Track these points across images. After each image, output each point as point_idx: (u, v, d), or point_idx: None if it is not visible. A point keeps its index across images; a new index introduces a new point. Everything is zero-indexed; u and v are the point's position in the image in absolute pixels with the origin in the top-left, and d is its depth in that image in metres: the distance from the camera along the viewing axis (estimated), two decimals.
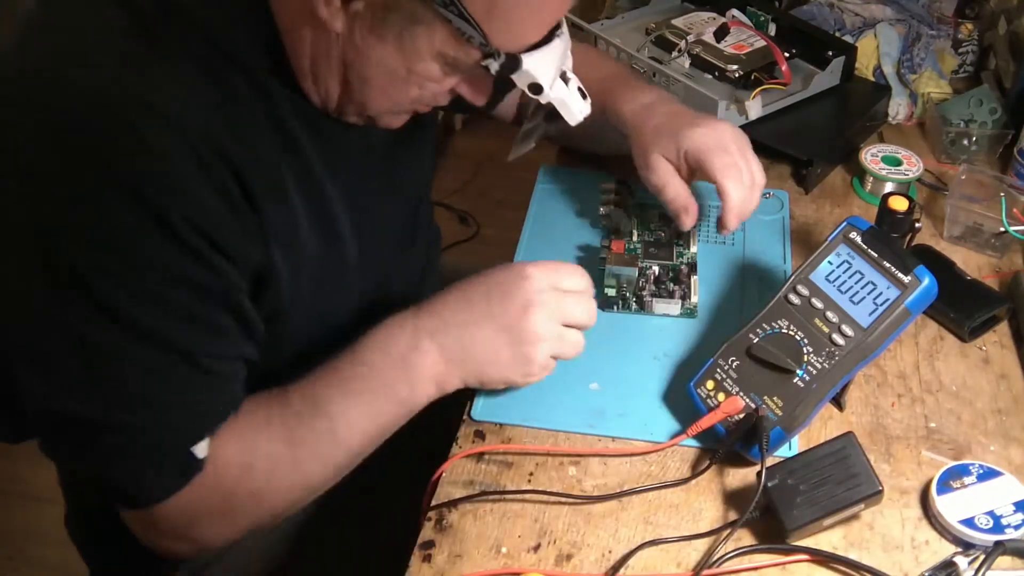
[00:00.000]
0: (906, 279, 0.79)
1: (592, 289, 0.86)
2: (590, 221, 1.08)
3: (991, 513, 0.76)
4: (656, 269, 1.00)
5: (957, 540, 0.76)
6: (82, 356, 0.69)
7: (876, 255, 0.81)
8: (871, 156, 1.12)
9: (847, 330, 0.80)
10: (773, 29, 1.27)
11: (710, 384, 0.84)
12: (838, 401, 0.87)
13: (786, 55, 1.20)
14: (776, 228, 1.08)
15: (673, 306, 0.97)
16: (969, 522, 0.76)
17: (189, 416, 0.74)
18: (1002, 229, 1.03)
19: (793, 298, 0.84)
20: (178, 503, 0.75)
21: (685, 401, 0.86)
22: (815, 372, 0.80)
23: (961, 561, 0.73)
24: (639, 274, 0.98)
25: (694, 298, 0.98)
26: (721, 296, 0.99)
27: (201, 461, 0.75)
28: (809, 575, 0.75)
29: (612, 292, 0.97)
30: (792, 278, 0.85)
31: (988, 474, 0.79)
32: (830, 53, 1.22)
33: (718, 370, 0.84)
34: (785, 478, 0.76)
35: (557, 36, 0.74)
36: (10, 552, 1.83)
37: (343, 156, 0.82)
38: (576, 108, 0.83)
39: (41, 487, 1.43)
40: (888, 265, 0.80)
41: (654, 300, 0.97)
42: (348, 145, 0.83)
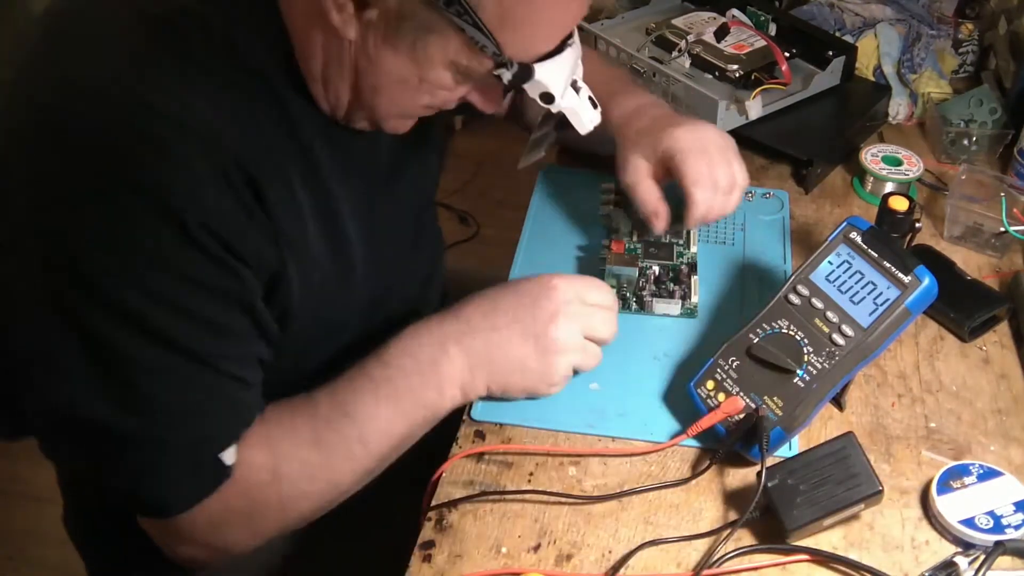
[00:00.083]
0: (906, 279, 0.79)
1: (616, 306, 0.88)
2: (590, 221, 1.08)
3: (991, 513, 0.76)
4: (656, 269, 1.00)
5: (957, 540, 0.76)
6: (106, 365, 0.69)
7: (876, 255, 0.81)
8: (871, 156, 1.12)
9: (847, 330, 0.80)
10: (773, 29, 1.27)
11: (710, 384, 0.84)
12: (838, 401, 0.87)
13: (786, 55, 1.20)
14: (776, 228, 1.08)
15: (673, 306, 0.97)
16: (969, 522, 0.76)
17: (216, 422, 0.74)
18: (1002, 229, 1.03)
19: (793, 298, 0.84)
20: (204, 511, 0.75)
21: (685, 401, 0.86)
22: (815, 372, 0.80)
23: (961, 561, 0.73)
24: (639, 274, 0.98)
25: (694, 298, 0.98)
26: (721, 296, 0.99)
27: (229, 468, 0.75)
28: (809, 575, 0.75)
29: None
30: (792, 278, 0.85)
31: (988, 474, 0.79)
32: (830, 53, 1.22)
33: (718, 370, 0.84)
34: (785, 478, 0.76)
35: (569, 45, 0.74)
36: (10, 552, 1.83)
37: (350, 161, 0.82)
38: (586, 117, 0.84)
39: (41, 487, 1.43)
40: (888, 265, 0.80)
41: (654, 300, 0.97)
42: (355, 150, 0.83)
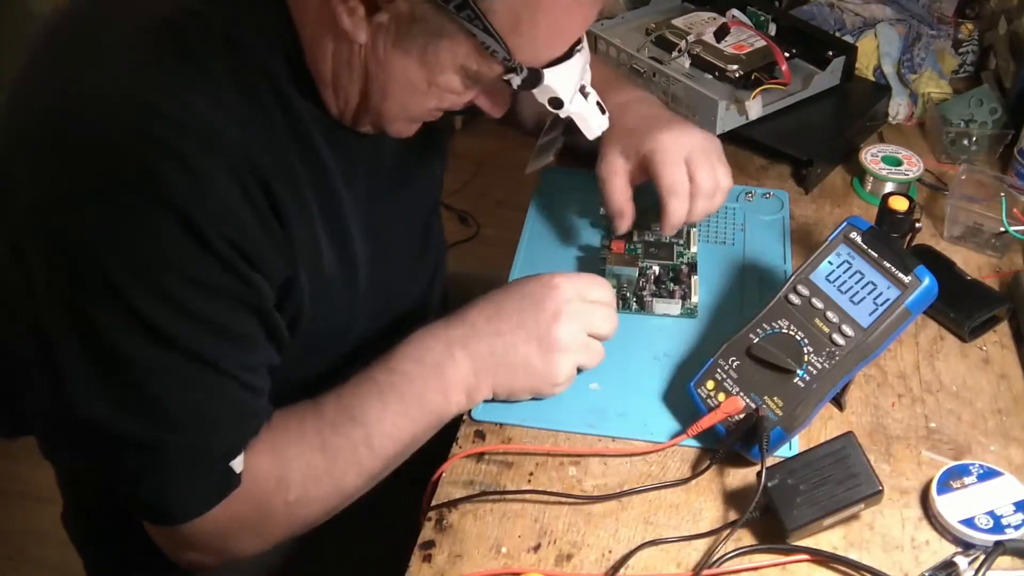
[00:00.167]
0: (906, 279, 0.79)
1: (615, 302, 0.89)
2: (590, 221, 1.08)
3: (991, 513, 0.76)
4: (656, 269, 1.00)
5: (957, 540, 0.76)
6: (107, 365, 0.69)
7: (876, 255, 0.81)
8: (871, 156, 1.12)
9: (847, 330, 0.80)
10: (773, 29, 1.27)
11: (710, 384, 0.84)
12: (838, 401, 0.87)
13: (786, 55, 1.20)
14: (776, 228, 1.08)
15: (673, 306, 0.97)
16: (969, 522, 0.76)
17: (227, 431, 0.74)
18: (1002, 229, 1.03)
19: (793, 298, 0.84)
20: (212, 518, 0.75)
21: (685, 401, 0.86)
22: (815, 372, 0.80)
23: (961, 561, 0.73)
24: (639, 274, 0.98)
25: (694, 298, 0.98)
26: (721, 296, 0.99)
27: (238, 476, 0.75)
28: (809, 575, 0.75)
29: None
30: (792, 278, 0.85)
31: (988, 474, 0.79)
32: (830, 53, 1.22)
33: (718, 370, 0.84)
34: (785, 478, 0.76)
35: (577, 51, 0.75)
36: (10, 552, 1.83)
37: (357, 165, 0.82)
38: (594, 123, 0.84)
39: (41, 487, 1.43)
40: (888, 265, 0.80)
41: (654, 300, 0.97)
42: (362, 154, 0.83)
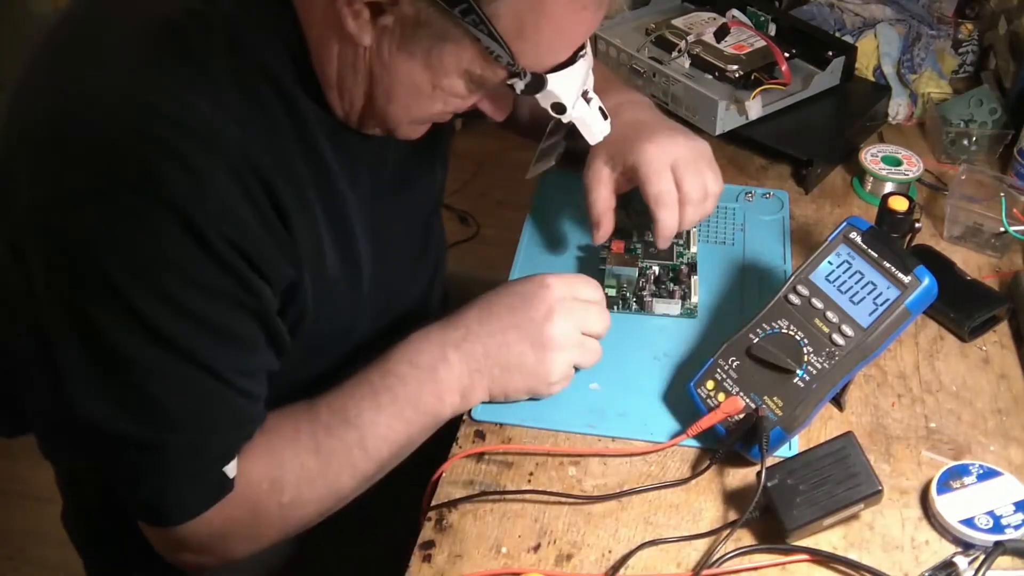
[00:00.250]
0: (906, 279, 0.79)
1: (604, 301, 0.89)
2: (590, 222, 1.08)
3: (991, 513, 0.76)
4: (656, 269, 1.00)
5: (957, 540, 0.76)
6: (107, 365, 0.69)
7: (876, 255, 0.81)
8: (871, 156, 1.12)
9: (847, 330, 0.80)
10: (773, 29, 1.27)
11: (710, 384, 0.84)
12: (838, 401, 0.87)
13: (786, 55, 1.20)
14: (776, 228, 1.08)
15: (673, 306, 0.97)
16: (969, 522, 0.76)
17: (223, 436, 0.74)
18: (1002, 229, 1.03)
19: (793, 298, 0.84)
20: (207, 520, 0.75)
21: (685, 401, 0.86)
22: (815, 372, 0.80)
23: (961, 561, 0.73)
24: (639, 274, 0.98)
25: (694, 298, 0.98)
26: (721, 296, 0.99)
27: (232, 480, 0.75)
28: (809, 575, 0.75)
29: (612, 292, 0.97)
30: (792, 278, 0.85)
31: (988, 474, 0.79)
32: (830, 53, 1.22)
33: (718, 370, 0.84)
34: (785, 478, 0.76)
35: (581, 56, 0.75)
36: (10, 552, 1.83)
37: (361, 166, 0.82)
38: (597, 128, 0.84)
39: (41, 487, 1.43)
40: (888, 265, 0.80)
41: (654, 300, 0.97)
42: (365, 155, 0.83)
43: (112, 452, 0.72)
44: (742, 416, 0.81)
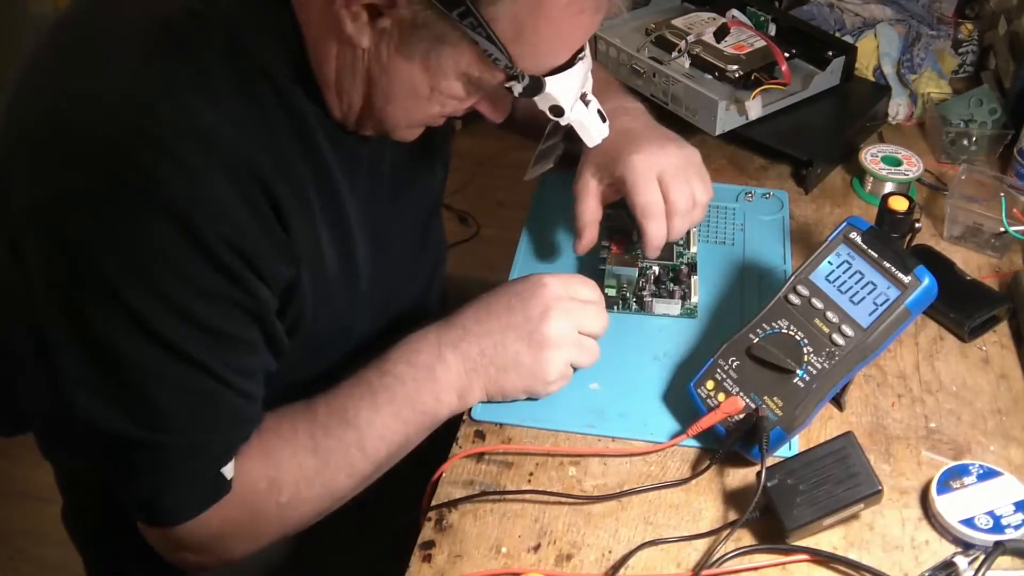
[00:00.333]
0: (906, 279, 0.79)
1: (603, 301, 0.89)
2: None
3: (991, 513, 0.76)
4: (656, 269, 1.00)
5: (957, 540, 0.76)
6: (106, 365, 0.69)
7: (876, 255, 0.81)
8: (871, 156, 1.12)
9: (847, 330, 0.80)
10: (773, 29, 1.27)
11: (710, 384, 0.84)
12: (838, 401, 0.87)
13: (786, 55, 1.20)
14: (776, 228, 1.08)
15: (673, 306, 0.97)
16: (969, 522, 0.76)
17: (221, 436, 0.75)
18: (1002, 229, 1.03)
19: (793, 298, 0.84)
20: (206, 521, 0.75)
21: (685, 401, 0.86)
22: (815, 372, 0.80)
23: (961, 561, 0.73)
24: (639, 274, 0.98)
25: (694, 298, 0.98)
26: (721, 296, 0.99)
27: (229, 482, 0.75)
28: (809, 575, 0.75)
29: (612, 292, 0.97)
30: (792, 278, 0.85)
31: (988, 474, 0.79)
32: (830, 53, 1.22)
33: (718, 370, 0.84)
34: (785, 478, 0.76)
35: (579, 59, 0.74)
36: (10, 552, 1.83)
37: (360, 167, 0.82)
38: (595, 131, 0.84)
39: (41, 487, 1.42)
40: (888, 265, 0.80)
41: (654, 300, 0.97)
42: (364, 156, 0.83)
43: (110, 452, 0.72)
44: (742, 416, 0.81)
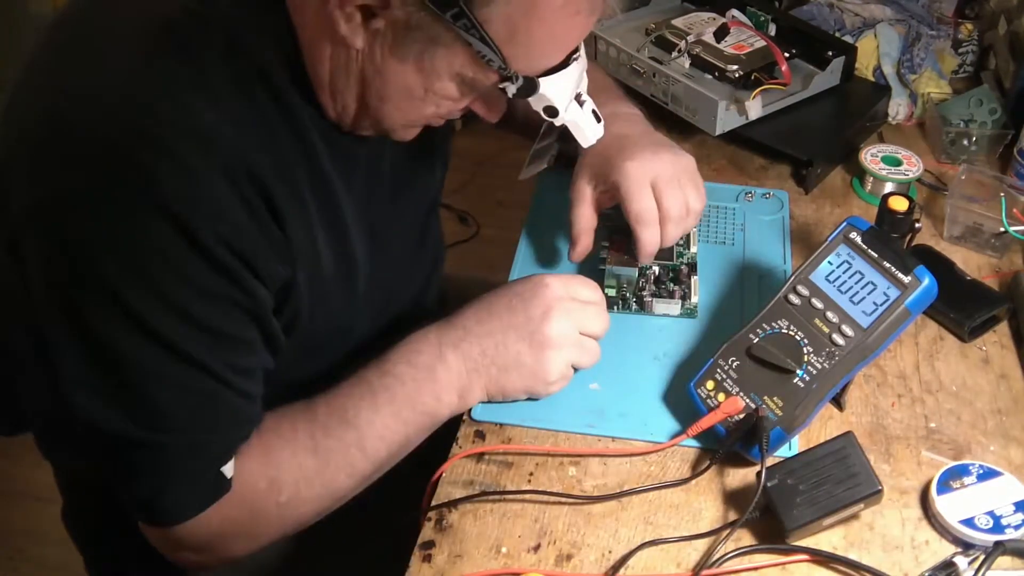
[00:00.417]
0: (906, 279, 0.79)
1: (604, 302, 0.89)
2: None
3: (991, 513, 0.76)
4: (656, 269, 1.00)
5: (957, 540, 0.76)
6: (106, 365, 0.69)
7: (876, 255, 0.81)
8: (871, 156, 1.12)
9: (847, 330, 0.80)
10: (773, 29, 1.27)
11: (710, 384, 0.84)
12: (838, 401, 0.87)
13: (786, 55, 1.20)
14: (776, 228, 1.08)
15: (673, 306, 0.97)
16: (969, 522, 0.76)
17: (221, 436, 0.75)
18: (1002, 229, 1.03)
19: (793, 298, 0.84)
20: (206, 520, 0.75)
21: (685, 401, 0.86)
22: (815, 372, 0.80)
23: (961, 561, 0.73)
24: (639, 274, 0.98)
25: (694, 298, 0.98)
26: (721, 296, 0.99)
27: (229, 481, 0.75)
28: (809, 575, 0.75)
29: (612, 292, 0.97)
30: (792, 278, 0.85)
31: (988, 474, 0.79)
32: (830, 53, 1.22)
33: (718, 370, 0.84)
34: (785, 478, 0.76)
35: (574, 60, 0.74)
36: (10, 552, 1.83)
37: (357, 167, 0.82)
38: (590, 131, 0.84)
39: (41, 487, 1.42)
40: (888, 265, 0.80)
41: (654, 300, 0.97)
42: (362, 156, 0.83)
43: (110, 452, 0.72)
44: (742, 416, 0.81)
